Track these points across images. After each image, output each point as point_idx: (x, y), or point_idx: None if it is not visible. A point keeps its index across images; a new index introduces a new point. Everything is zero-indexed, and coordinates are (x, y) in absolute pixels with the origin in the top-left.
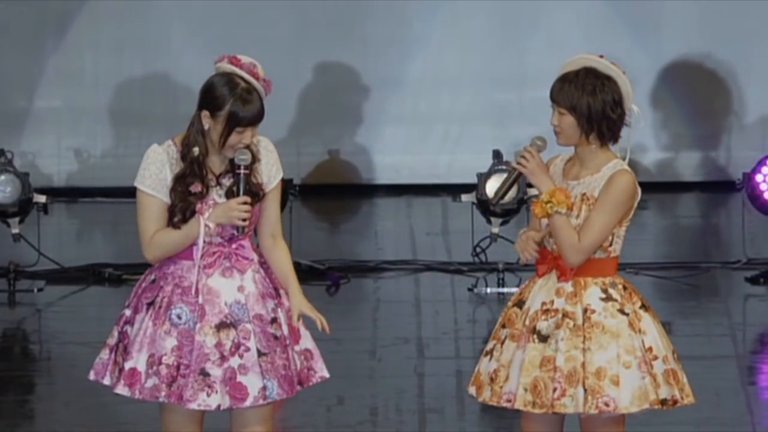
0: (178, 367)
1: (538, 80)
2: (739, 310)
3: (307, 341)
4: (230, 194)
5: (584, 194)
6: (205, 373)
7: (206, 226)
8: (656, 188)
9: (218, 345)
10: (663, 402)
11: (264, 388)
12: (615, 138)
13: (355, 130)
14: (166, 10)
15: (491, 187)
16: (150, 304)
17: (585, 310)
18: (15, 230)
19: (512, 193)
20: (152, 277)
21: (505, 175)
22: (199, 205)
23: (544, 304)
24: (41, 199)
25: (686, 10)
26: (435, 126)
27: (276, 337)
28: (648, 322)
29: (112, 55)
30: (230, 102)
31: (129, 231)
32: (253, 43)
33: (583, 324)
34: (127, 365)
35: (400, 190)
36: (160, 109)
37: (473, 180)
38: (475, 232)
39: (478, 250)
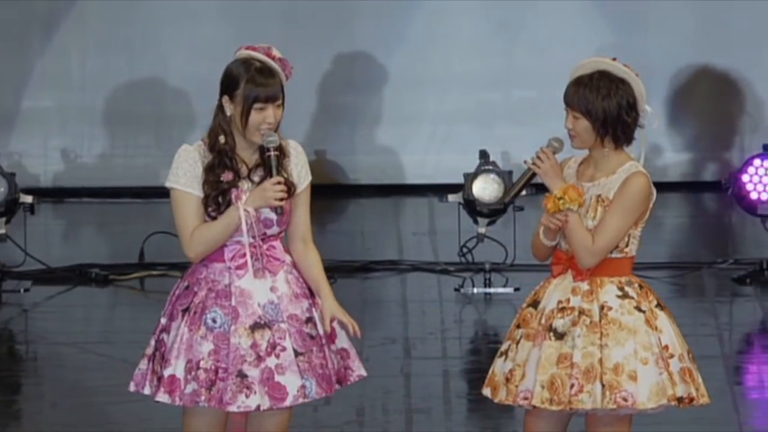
0: (216, 371)
1: (525, 80)
2: (726, 310)
3: (343, 341)
4: (263, 181)
5: (599, 196)
6: (242, 375)
7: (246, 211)
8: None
9: (254, 346)
10: (679, 400)
11: (303, 386)
12: (629, 140)
13: (341, 130)
14: (153, 10)
15: (478, 187)
16: (185, 311)
17: (602, 308)
18: (1, 230)
19: (524, 193)
20: (186, 283)
21: (496, 176)
22: (235, 193)
23: (560, 302)
24: (28, 199)
25: (673, 10)
26: (421, 126)
27: (312, 337)
28: (664, 321)
29: (98, 55)
30: (245, 79)
31: (116, 231)
32: (240, 43)
33: (600, 321)
34: (167, 372)
35: (387, 191)
36: (147, 109)
37: (460, 180)
38: (462, 232)
39: (465, 250)
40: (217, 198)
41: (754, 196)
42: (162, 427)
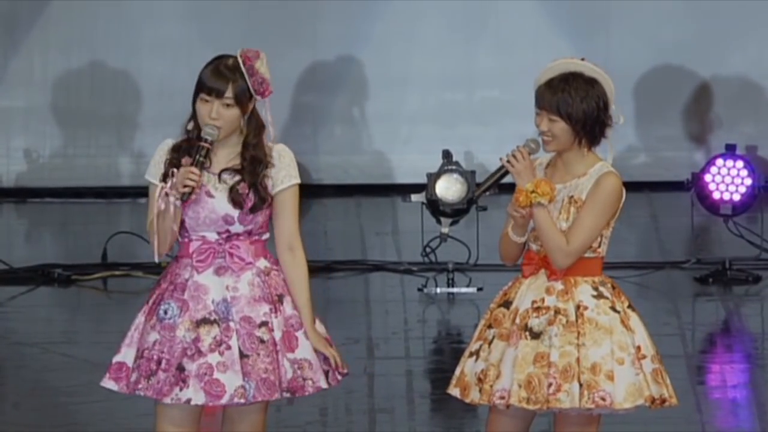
0: (159, 362)
1: (488, 80)
2: (688, 309)
3: (305, 351)
4: (235, 184)
5: (572, 197)
6: (181, 368)
7: (165, 194)
8: None
9: (196, 340)
10: (653, 400)
11: (242, 387)
12: (600, 139)
13: (304, 130)
14: (116, 11)
15: (441, 186)
16: (146, 301)
17: (578, 307)
18: None
19: (489, 192)
20: (160, 277)
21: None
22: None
23: (534, 302)
24: None
25: (635, 11)
26: (384, 126)
27: (262, 341)
28: (636, 322)
29: (61, 55)
30: (205, 69)
31: (78, 231)
32: (202, 42)
33: (577, 320)
34: (115, 359)
35: (350, 190)
36: (109, 109)
37: (423, 180)
38: (425, 232)
39: (428, 250)
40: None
41: (716, 195)
42: (125, 427)
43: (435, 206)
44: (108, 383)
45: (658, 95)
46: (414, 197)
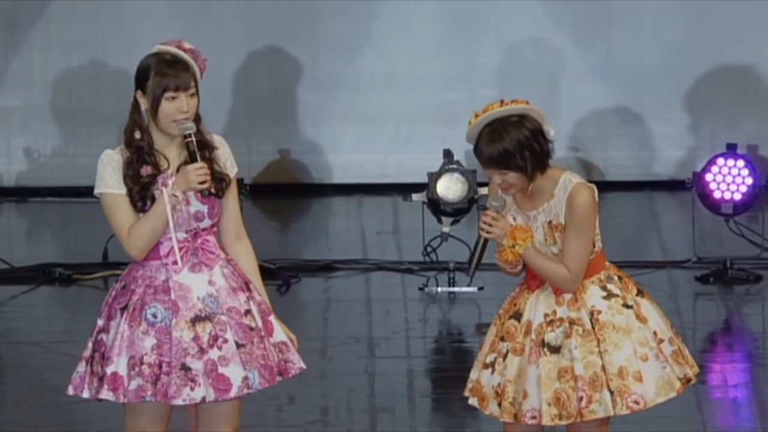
0: (160, 365)
1: (489, 79)
2: (689, 309)
3: (280, 334)
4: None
5: (550, 222)
6: (186, 368)
7: (174, 196)
8: (606, 187)
9: (196, 338)
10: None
11: (246, 378)
12: (550, 160)
13: (305, 129)
14: (117, 9)
15: (442, 186)
16: (123, 309)
17: (591, 313)
18: None
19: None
20: (123, 283)
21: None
22: (161, 179)
23: (546, 315)
24: None
25: (635, 10)
26: (385, 125)
27: (251, 328)
28: (647, 307)
29: (62, 54)
30: (153, 71)
31: (79, 231)
32: (204, 41)
33: (593, 327)
34: (109, 370)
35: (351, 190)
36: (110, 108)
37: (424, 179)
38: (426, 231)
39: (429, 249)
40: (141, 192)
41: (717, 195)
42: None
43: (436, 205)
44: (107, 395)
45: (658, 94)
46: (415, 196)
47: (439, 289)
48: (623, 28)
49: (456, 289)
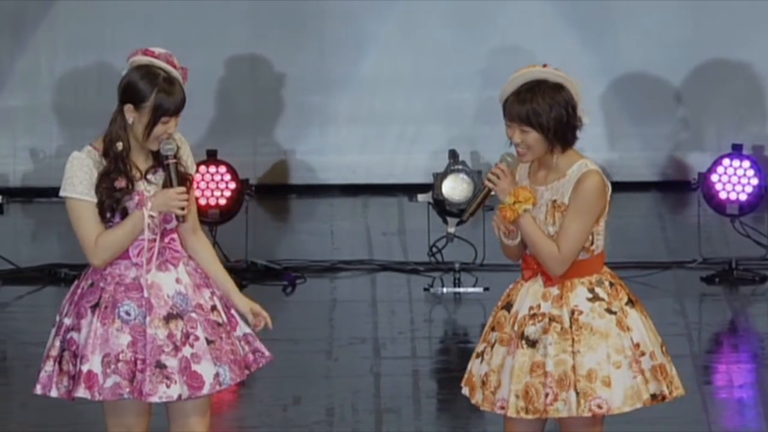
0: (135, 363)
1: (494, 80)
2: (695, 309)
3: (243, 327)
4: (165, 187)
5: (555, 201)
6: (161, 365)
7: (150, 216)
8: (612, 188)
9: (170, 336)
10: (652, 397)
11: (217, 374)
12: (574, 141)
13: (310, 130)
14: (121, 9)
15: (447, 186)
16: (94, 307)
17: (572, 312)
18: None
19: (481, 211)
20: (89, 281)
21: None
22: (138, 198)
23: (531, 308)
24: None
25: (641, 10)
26: (391, 126)
27: (219, 324)
28: (634, 318)
29: (68, 55)
30: (154, 93)
31: None
32: (209, 42)
33: (571, 327)
34: (84, 368)
35: (356, 190)
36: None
37: (429, 180)
38: (432, 231)
39: (435, 249)
40: (111, 205)
41: (723, 195)
42: None
43: (441, 206)
44: (84, 393)
45: (664, 94)
46: (420, 197)
47: (445, 289)
48: (629, 28)
49: (461, 289)
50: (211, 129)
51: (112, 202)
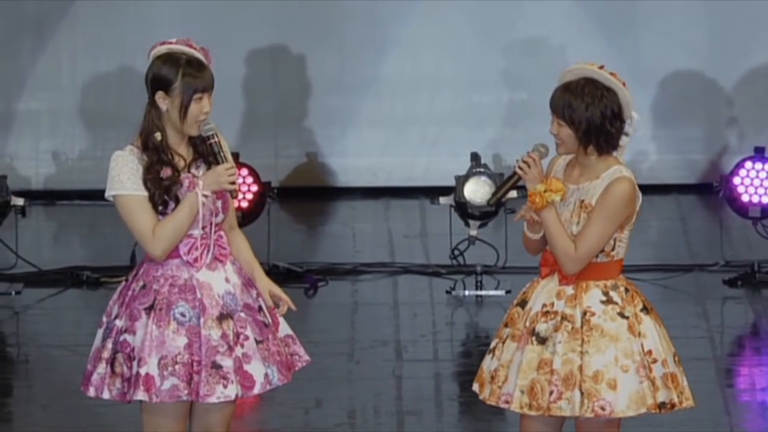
0: (191, 364)
1: (516, 82)
2: (717, 312)
3: (285, 328)
4: (211, 167)
5: (582, 201)
6: (217, 366)
7: (204, 196)
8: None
9: (223, 336)
10: (661, 405)
11: (266, 374)
12: (613, 148)
13: (332, 132)
14: (144, 12)
15: (469, 189)
16: (149, 309)
17: (584, 313)
18: None
19: (512, 195)
20: (141, 283)
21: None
22: (189, 180)
23: (544, 305)
24: (19, 201)
25: (663, 12)
26: (413, 128)
27: (266, 325)
28: (648, 325)
29: (89, 57)
30: (180, 72)
31: (107, 233)
32: (231, 45)
33: (582, 327)
34: (142, 371)
35: (378, 193)
36: (137, 111)
37: (451, 182)
38: (453, 234)
39: (456, 252)
40: (163, 195)
41: (745, 198)
42: None
43: (463, 209)
44: (143, 395)
45: (686, 97)
46: (442, 200)
47: (467, 292)
48: (650, 31)
49: (483, 292)
50: (232, 132)
51: (162, 192)
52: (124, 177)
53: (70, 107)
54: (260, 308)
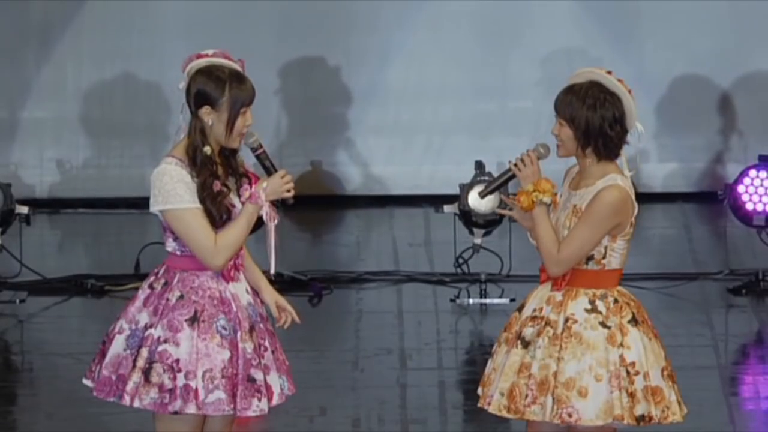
0: (233, 377)
1: (521, 90)
2: (722, 320)
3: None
4: (240, 187)
5: (575, 206)
6: (252, 379)
7: (268, 206)
8: (638, 199)
9: (255, 349)
10: (639, 419)
11: (280, 385)
12: (613, 154)
13: (337, 141)
14: (149, 21)
15: (474, 198)
16: (191, 321)
17: (567, 320)
18: None
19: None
20: (177, 293)
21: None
22: (250, 192)
23: (534, 310)
24: (23, 210)
25: (667, 21)
26: (417, 137)
27: (273, 334)
28: (635, 337)
29: (94, 66)
30: (227, 87)
31: (111, 242)
32: (235, 53)
33: (562, 333)
34: (190, 383)
35: (383, 201)
36: (142, 119)
37: (455, 191)
38: (458, 242)
39: (461, 260)
40: (219, 209)
41: (749, 206)
42: None
43: (467, 217)
44: (191, 408)
45: (691, 104)
46: (447, 208)
47: (471, 300)
48: (655, 39)
49: (487, 300)
50: None
51: (220, 208)
52: (180, 190)
53: (74, 116)
54: (268, 318)
